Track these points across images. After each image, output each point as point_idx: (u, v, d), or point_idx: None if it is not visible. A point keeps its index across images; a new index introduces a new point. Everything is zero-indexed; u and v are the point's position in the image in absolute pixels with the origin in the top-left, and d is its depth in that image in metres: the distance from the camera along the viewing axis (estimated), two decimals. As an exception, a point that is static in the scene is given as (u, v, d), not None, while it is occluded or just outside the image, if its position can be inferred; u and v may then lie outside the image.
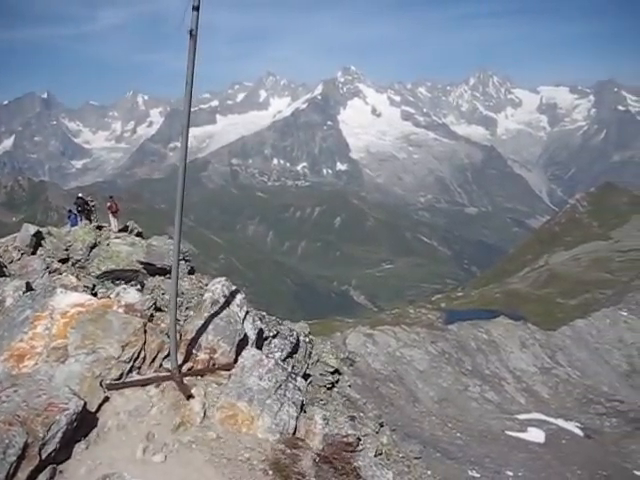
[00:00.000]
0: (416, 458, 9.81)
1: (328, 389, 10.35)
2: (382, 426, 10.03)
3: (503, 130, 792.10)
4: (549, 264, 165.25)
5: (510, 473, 14.53)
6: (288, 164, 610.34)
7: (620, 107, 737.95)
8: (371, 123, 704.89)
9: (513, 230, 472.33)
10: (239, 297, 8.74)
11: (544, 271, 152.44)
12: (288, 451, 6.44)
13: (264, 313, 9.39)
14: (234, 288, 8.89)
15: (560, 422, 21.05)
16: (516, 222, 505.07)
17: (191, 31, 6.12)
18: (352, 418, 8.49)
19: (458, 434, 16.65)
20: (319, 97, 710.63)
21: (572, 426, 21.32)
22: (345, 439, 7.06)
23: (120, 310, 8.55)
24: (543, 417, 21.36)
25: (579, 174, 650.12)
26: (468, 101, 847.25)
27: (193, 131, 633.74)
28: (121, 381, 7.58)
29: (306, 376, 8.87)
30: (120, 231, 17.43)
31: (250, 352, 7.82)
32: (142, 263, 12.88)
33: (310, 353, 10.01)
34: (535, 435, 18.57)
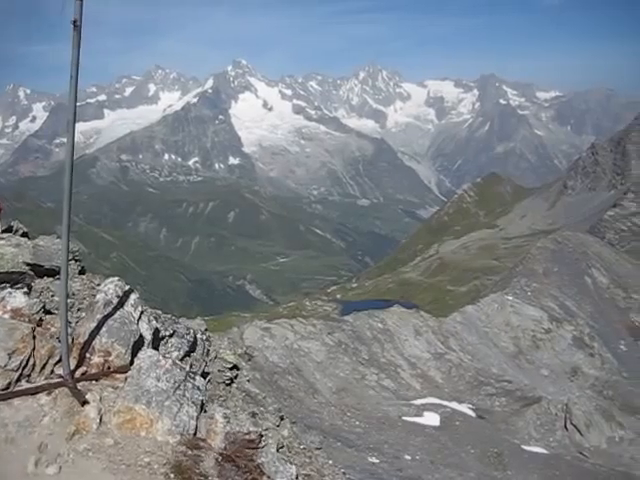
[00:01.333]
0: (317, 449, 9.88)
1: (227, 385, 10.25)
2: (282, 419, 10.03)
3: (393, 123, 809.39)
4: (439, 253, 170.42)
5: (408, 457, 14.92)
6: (180, 159, 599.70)
7: (502, 101, 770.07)
8: (263, 117, 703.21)
9: (404, 221, 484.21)
10: (133, 297, 8.48)
11: (435, 260, 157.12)
12: (190, 452, 6.33)
13: (159, 312, 9.16)
14: (127, 287, 8.61)
15: (454, 405, 21.77)
16: (407, 213, 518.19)
17: (75, 22, 5.80)
18: (253, 414, 8.44)
19: (357, 422, 16.93)
20: (210, 91, 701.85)
21: (465, 408, 22.09)
22: (247, 436, 7.00)
23: (6, 316, 8.11)
24: (438, 401, 22.01)
25: (465, 165, 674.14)
26: (358, 95, 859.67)
27: (80, 126, 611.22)
28: (9, 391, 7.20)
29: (205, 374, 8.73)
30: (4, 232, 16.54)
31: (146, 353, 7.61)
32: (29, 265, 12.29)
33: (208, 350, 9.87)
34: (431, 419, 19.13)
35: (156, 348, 8.44)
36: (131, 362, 7.74)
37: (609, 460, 22.99)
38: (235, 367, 10.79)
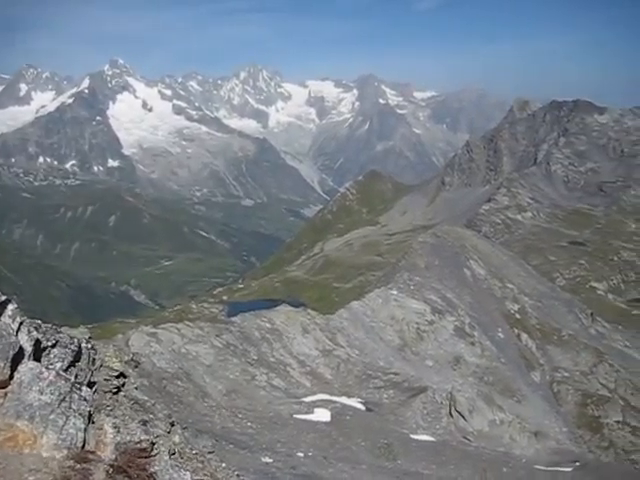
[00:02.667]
0: (210, 453, 9.78)
1: (114, 394, 9.96)
2: (173, 425, 9.86)
3: (274, 123, 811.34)
4: (324, 251, 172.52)
5: (301, 454, 15.04)
6: (56, 162, 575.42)
7: (381, 100, 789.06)
8: (142, 118, 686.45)
9: (289, 220, 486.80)
10: (10, 307, 8.08)
11: (320, 258, 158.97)
12: (78, 466, 6.11)
13: (39, 322, 8.75)
14: (4, 298, 8.19)
15: (343, 400, 22.12)
16: (291, 212, 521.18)
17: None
18: (144, 422, 8.25)
19: (249, 423, 16.89)
20: (86, 91, 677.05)
21: (354, 402, 22.49)
22: (138, 445, 6.84)
23: None
24: (328, 397, 22.30)
25: (347, 164, 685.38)
26: (239, 95, 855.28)
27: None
28: None
29: (91, 384, 8.44)
30: None
31: (27, 366, 7.28)
32: None
33: (93, 359, 9.55)
34: (321, 415, 19.36)
35: (38, 360, 8.08)
36: (11, 376, 7.38)
37: (491, 442, 24.06)
38: (122, 375, 10.51)
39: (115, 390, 10.18)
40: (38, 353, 8.33)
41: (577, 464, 21.91)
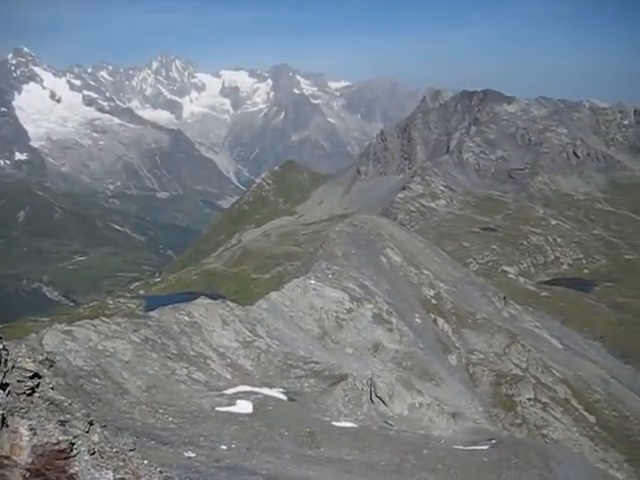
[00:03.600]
0: (131, 450, 9.60)
1: (28, 395, 9.62)
2: (92, 424, 9.61)
3: (189, 114, 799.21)
4: (242, 242, 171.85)
5: (224, 447, 14.97)
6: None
7: (295, 90, 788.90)
8: (51, 109, 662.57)
9: (205, 212, 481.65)
10: None
11: (237, 249, 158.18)
12: (-7, 471, 5.89)
13: (-55, 323, 8.36)
14: None
15: (265, 390, 22.13)
16: (207, 204, 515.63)
17: None
18: (62, 423, 8.02)
19: (170, 418, 16.67)
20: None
21: (276, 392, 22.53)
22: (57, 446, 6.65)
23: None
24: (249, 388, 22.26)
25: (263, 154, 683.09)
26: (152, 85, 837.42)
27: None
28: None
29: (3, 386, 8.15)
30: None
31: None
32: None
33: (5, 360, 9.21)
34: (243, 407, 19.31)
35: (-55, 363, 7.73)
36: None
37: (411, 425, 24.57)
38: (36, 375, 10.18)
39: (29, 391, 9.85)
40: (-55, 356, 7.98)
41: (493, 442, 22.67)
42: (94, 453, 8.19)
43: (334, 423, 20.17)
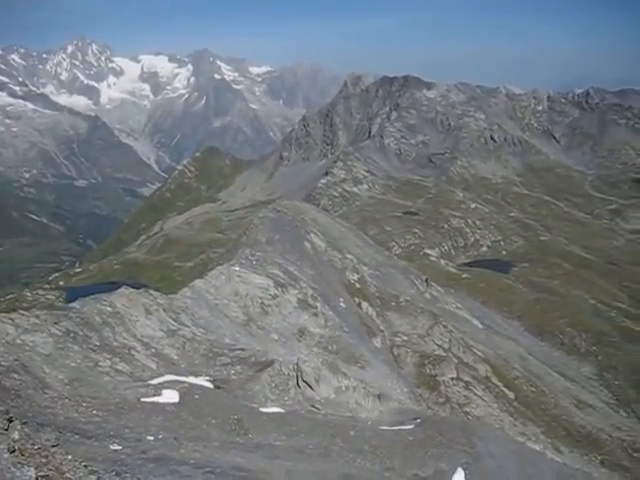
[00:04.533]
0: (53, 446, 9.36)
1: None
2: (11, 421, 9.33)
3: (107, 99, 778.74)
4: (164, 230, 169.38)
5: (151, 438, 14.78)
6: None
7: (217, 76, 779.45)
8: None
9: (126, 200, 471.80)
10: None
11: (160, 237, 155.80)
12: None
13: None
14: None
15: (191, 379, 21.95)
16: (128, 191, 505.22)
17: None
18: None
19: (94, 412, 16.34)
20: None
21: (202, 381, 22.39)
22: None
23: None
24: (175, 378, 22.03)
25: (184, 140, 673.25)
26: (68, 70, 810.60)
27: None
28: None
29: None
30: None
31: None
32: None
33: None
34: (169, 396, 19.10)
35: None
36: None
37: (338, 408, 24.85)
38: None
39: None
40: None
41: (418, 421, 23.17)
42: (14, 451, 7.95)
43: (261, 409, 20.20)
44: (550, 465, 23.20)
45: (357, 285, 55.32)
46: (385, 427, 22.16)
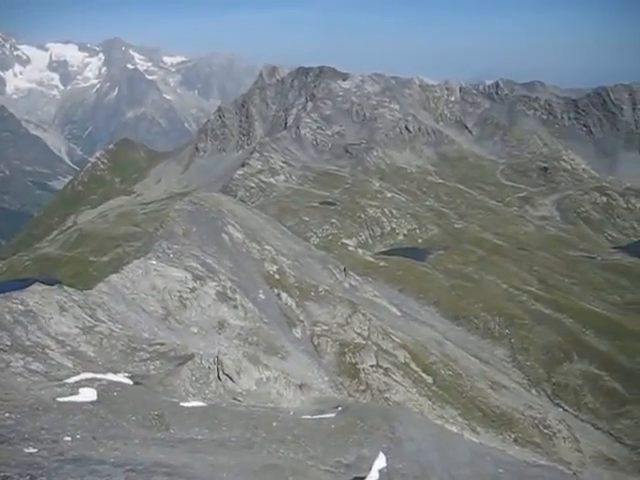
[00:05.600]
0: (-36, 451, 9.04)
1: None
2: None
3: (13, 89, 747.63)
4: (77, 224, 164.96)
5: (68, 438, 14.41)
6: None
7: (129, 65, 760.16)
8: None
9: (36, 193, 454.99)
10: None
11: (73, 232, 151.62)
12: None
13: None
14: None
15: (110, 376, 21.49)
16: (38, 185, 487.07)
17: None
18: None
19: (7, 414, 15.78)
20: None
21: (121, 377, 21.96)
22: None
23: None
24: (92, 375, 21.51)
25: (97, 132, 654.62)
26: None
27: None
28: None
29: None
30: None
31: None
32: None
33: None
34: (87, 395, 18.64)
35: None
36: None
37: (260, 399, 24.90)
38: None
39: None
40: None
41: (339, 409, 23.46)
42: None
43: (182, 404, 20.02)
44: (467, 446, 23.93)
45: (276, 276, 55.38)
46: (307, 416, 22.34)
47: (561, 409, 65.46)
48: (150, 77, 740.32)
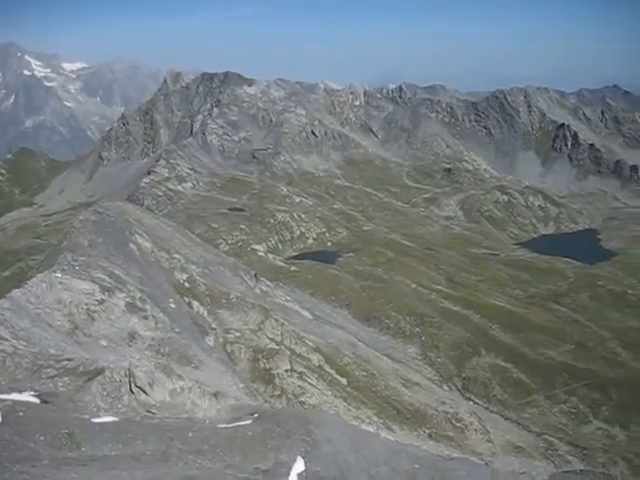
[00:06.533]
0: None
1: None
2: None
3: None
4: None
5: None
6: None
7: (26, 72, 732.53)
8: None
9: None
10: None
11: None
12: None
13: None
14: None
15: (14, 396, 20.65)
16: None
17: None
18: None
19: None
20: None
21: (27, 396, 21.14)
22: None
23: None
24: (-5, 396, 20.64)
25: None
26: None
27: None
28: None
29: None
30: None
31: None
32: None
33: None
34: (-10, 417, 17.88)
35: None
36: None
37: (174, 410, 24.49)
38: None
39: None
40: None
41: (255, 415, 23.37)
42: None
43: (94, 420, 19.44)
44: (383, 444, 24.27)
45: (186, 284, 54.67)
46: (223, 425, 22.15)
47: (472, 402, 67.43)
48: (49, 84, 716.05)
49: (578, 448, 60.81)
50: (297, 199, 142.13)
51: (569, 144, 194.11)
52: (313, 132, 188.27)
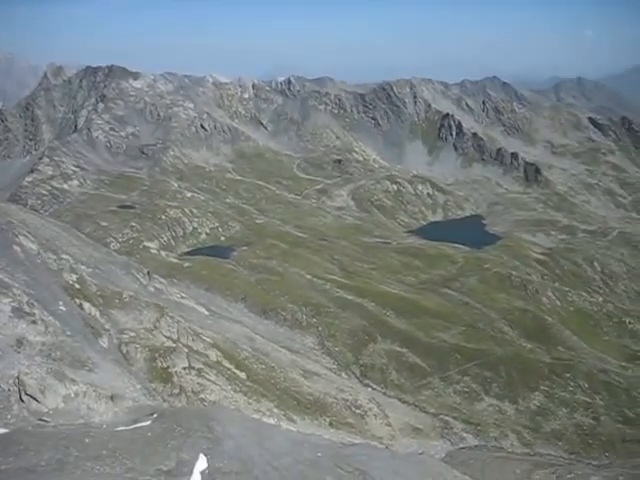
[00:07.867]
0: None
1: None
2: None
3: None
4: None
5: None
6: None
7: None
8: None
9: None
10: None
11: None
12: None
13: None
14: None
15: None
16: None
17: None
18: None
19: None
20: None
21: None
22: None
23: None
24: None
25: None
26: None
27: None
28: None
29: None
30: None
31: None
32: None
33: None
34: None
35: None
36: None
37: (69, 417, 23.75)
38: None
39: None
40: None
41: (154, 415, 23.01)
42: None
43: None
44: (285, 435, 24.47)
45: (76, 286, 52.93)
46: (122, 427, 21.68)
47: (370, 388, 68.93)
48: None
49: (472, 425, 63.56)
50: (188, 194, 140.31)
51: (454, 133, 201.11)
52: (202, 126, 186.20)
